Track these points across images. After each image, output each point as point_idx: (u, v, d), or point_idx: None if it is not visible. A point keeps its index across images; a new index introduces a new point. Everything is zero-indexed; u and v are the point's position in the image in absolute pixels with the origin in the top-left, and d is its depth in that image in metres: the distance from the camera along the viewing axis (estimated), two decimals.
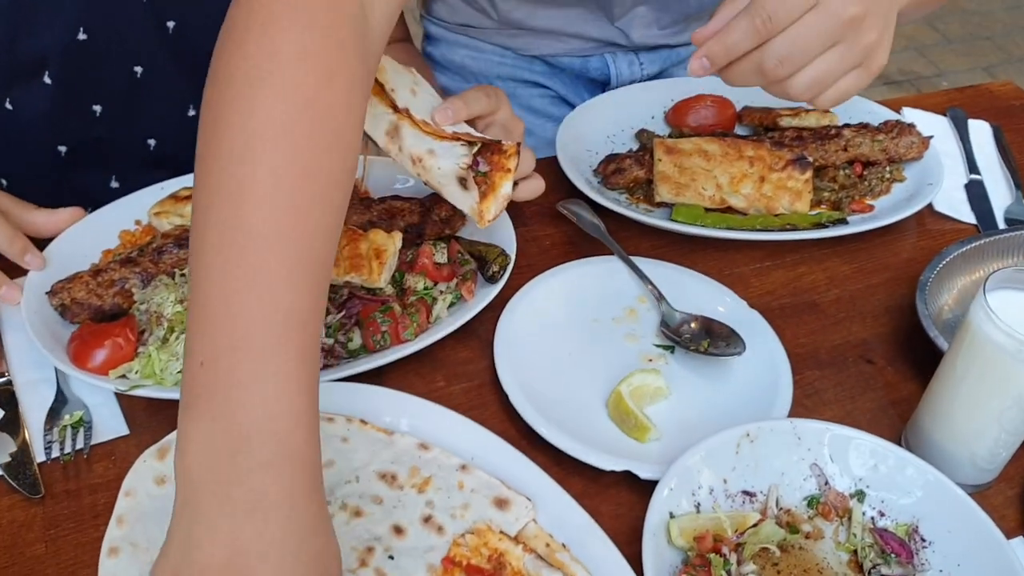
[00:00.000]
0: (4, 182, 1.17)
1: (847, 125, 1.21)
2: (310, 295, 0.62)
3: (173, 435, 0.78)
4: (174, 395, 0.85)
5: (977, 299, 0.80)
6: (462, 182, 0.91)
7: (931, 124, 1.31)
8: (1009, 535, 0.82)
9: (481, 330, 0.98)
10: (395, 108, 0.95)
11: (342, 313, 0.93)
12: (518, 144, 0.94)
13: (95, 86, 1.12)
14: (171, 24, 1.12)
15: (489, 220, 0.92)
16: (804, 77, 0.80)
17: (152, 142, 1.21)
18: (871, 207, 1.16)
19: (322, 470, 0.61)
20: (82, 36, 1.06)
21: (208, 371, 0.58)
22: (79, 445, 0.84)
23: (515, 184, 0.94)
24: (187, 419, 0.58)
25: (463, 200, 0.92)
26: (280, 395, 0.58)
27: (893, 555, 0.80)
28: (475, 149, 0.93)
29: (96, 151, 1.17)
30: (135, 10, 1.08)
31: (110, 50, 1.09)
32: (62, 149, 1.16)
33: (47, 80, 1.08)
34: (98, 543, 0.73)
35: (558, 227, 1.14)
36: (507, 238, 1.04)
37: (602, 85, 1.45)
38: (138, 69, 1.13)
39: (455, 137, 0.94)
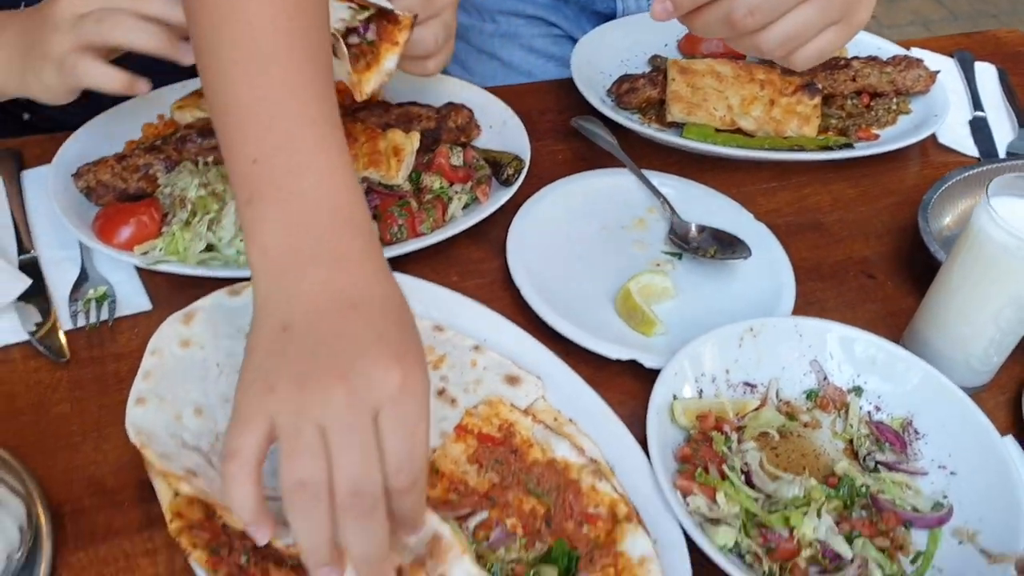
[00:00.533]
0: None
1: (856, 57, 1.23)
2: (327, 91, 0.68)
3: (198, 302, 0.81)
4: (197, 272, 0.87)
5: (980, 202, 0.82)
6: (332, 48, 0.84)
7: (938, 64, 1.33)
8: (1000, 434, 0.85)
9: (494, 233, 1.01)
10: None
11: None
12: (414, 17, 0.89)
13: None
14: None
15: (366, 93, 0.89)
16: (777, 31, 0.72)
17: None
18: (876, 136, 1.18)
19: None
20: None
21: (263, 166, 0.63)
22: (103, 316, 0.87)
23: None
24: (253, 210, 0.63)
25: (336, 68, 0.86)
26: (335, 176, 0.64)
27: (888, 444, 0.83)
28: (366, 15, 0.88)
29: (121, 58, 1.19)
30: None
31: None
32: None
33: None
34: (121, 405, 0.75)
35: (571, 143, 1.16)
36: (521, 148, 1.06)
37: (607, 19, 1.44)
38: None
39: None
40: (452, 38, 0.99)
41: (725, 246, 0.98)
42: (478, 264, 0.99)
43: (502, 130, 1.09)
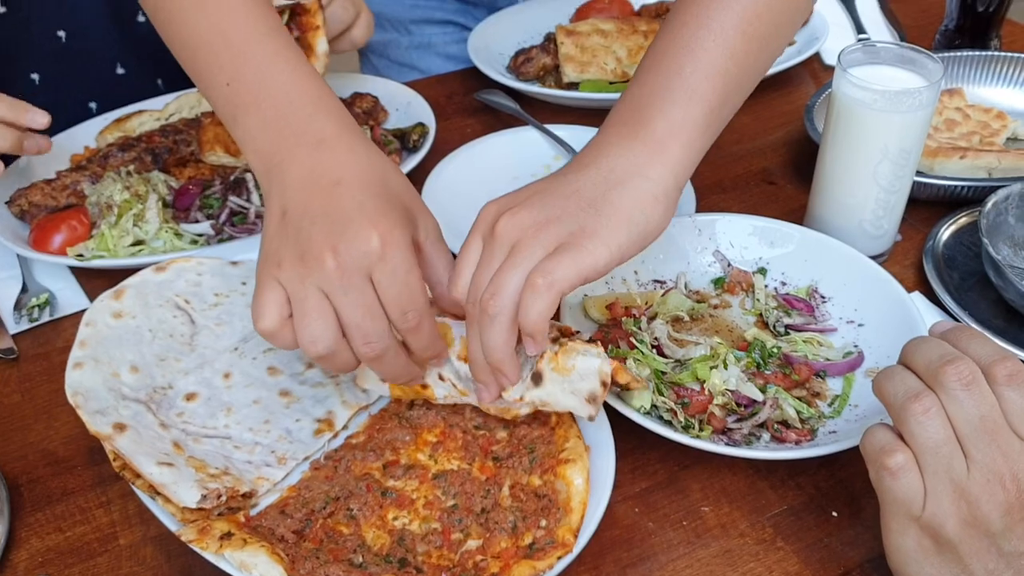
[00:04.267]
0: None
1: None
2: (269, 10, 0.77)
3: (126, 280, 0.86)
4: (128, 263, 0.93)
5: (836, 71, 0.89)
6: None
7: None
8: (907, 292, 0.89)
9: None
10: None
11: None
12: None
13: (29, 54, 1.21)
14: None
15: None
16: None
17: (93, 105, 1.29)
18: None
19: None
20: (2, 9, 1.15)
21: (236, 84, 0.73)
22: (45, 318, 0.92)
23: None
24: (240, 123, 0.73)
25: None
26: (298, 72, 0.73)
27: (796, 310, 0.88)
28: (285, 18, 0.98)
29: None
30: None
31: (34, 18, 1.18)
32: None
33: None
34: None
35: (479, 117, 1.23)
36: (427, 121, 1.13)
37: None
38: (61, 34, 1.22)
39: None
40: (363, 7, 1.10)
41: None
42: None
43: (407, 110, 1.16)
